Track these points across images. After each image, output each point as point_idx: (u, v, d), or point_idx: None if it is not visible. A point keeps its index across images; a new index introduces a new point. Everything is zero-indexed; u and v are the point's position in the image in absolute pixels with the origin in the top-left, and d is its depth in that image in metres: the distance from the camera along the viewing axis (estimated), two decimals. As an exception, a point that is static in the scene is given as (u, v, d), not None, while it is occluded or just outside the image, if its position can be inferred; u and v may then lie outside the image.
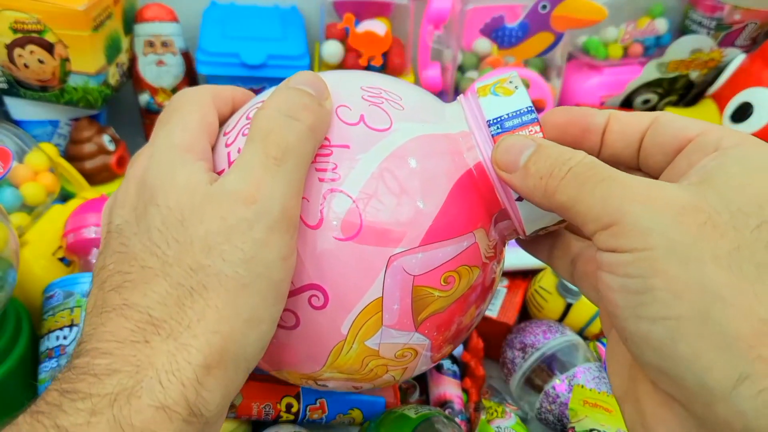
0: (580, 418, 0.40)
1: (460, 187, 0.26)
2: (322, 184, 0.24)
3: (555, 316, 0.48)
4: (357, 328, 0.25)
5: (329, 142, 0.25)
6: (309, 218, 0.24)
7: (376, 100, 0.26)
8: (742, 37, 0.64)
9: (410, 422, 0.35)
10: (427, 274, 0.25)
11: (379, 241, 0.24)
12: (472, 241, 0.26)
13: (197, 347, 0.20)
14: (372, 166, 0.24)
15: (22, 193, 0.47)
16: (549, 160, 0.21)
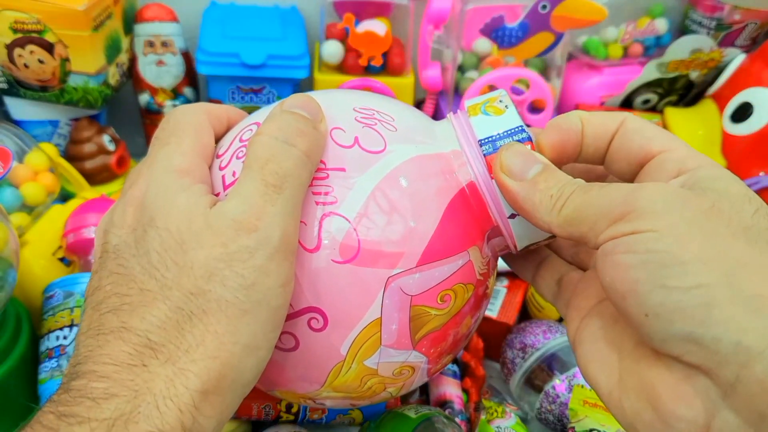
0: (580, 418, 0.40)
1: (454, 206, 0.26)
2: (318, 207, 0.24)
3: (555, 316, 0.48)
4: (356, 348, 0.25)
5: (325, 165, 0.25)
6: (307, 242, 0.24)
7: (369, 122, 0.26)
8: (742, 37, 0.64)
9: (410, 422, 0.35)
10: (424, 293, 0.25)
11: (377, 263, 0.24)
12: (466, 260, 0.26)
13: (195, 372, 0.20)
14: (368, 188, 0.25)
15: (22, 193, 0.47)
16: (558, 181, 0.22)
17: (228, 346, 0.20)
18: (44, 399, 0.39)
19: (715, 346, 0.18)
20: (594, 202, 0.21)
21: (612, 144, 0.24)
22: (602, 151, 0.25)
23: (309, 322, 0.25)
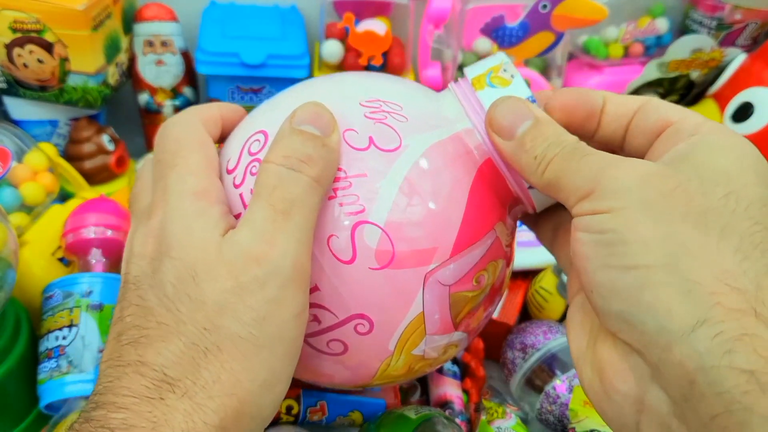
0: (581, 418, 0.40)
1: (476, 188, 0.26)
2: (348, 217, 0.24)
3: (555, 317, 0.48)
4: (403, 342, 0.26)
5: (346, 173, 0.25)
6: (342, 254, 0.25)
7: (379, 116, 0.26)
8: (742, 36, 0.64)
9: (410, 423, 0.35)
10: (461, 280, 0.26)
11: (414, 262, 0.25)
12: (494, 237, 0.27)
13: (213, 409, 0.20)
14: (393, 191, 0.25)
15: (21, 193, 0.47)
16: (545, 140, 0.23)
17: (245, 384, 0.20)
18: (43, 399, 0.39)
19: (641, 328, 0.19)
20: (569, 175, 0.21)
21: (631, 123, 0.24)
22: (622, 131, 0.24)
23: (356, 328, 0.26)
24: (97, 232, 0.45)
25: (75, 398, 0.38)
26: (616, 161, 0.21)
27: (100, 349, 0.40)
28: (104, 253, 0.45)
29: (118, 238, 0.46)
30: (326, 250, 0.25)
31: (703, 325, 0.17)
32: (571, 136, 0.23)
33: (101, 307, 0.41)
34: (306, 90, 0.29)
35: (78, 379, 0.39)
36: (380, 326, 0.26)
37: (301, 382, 0.37)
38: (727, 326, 0.17)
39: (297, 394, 0.36)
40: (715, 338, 0.17)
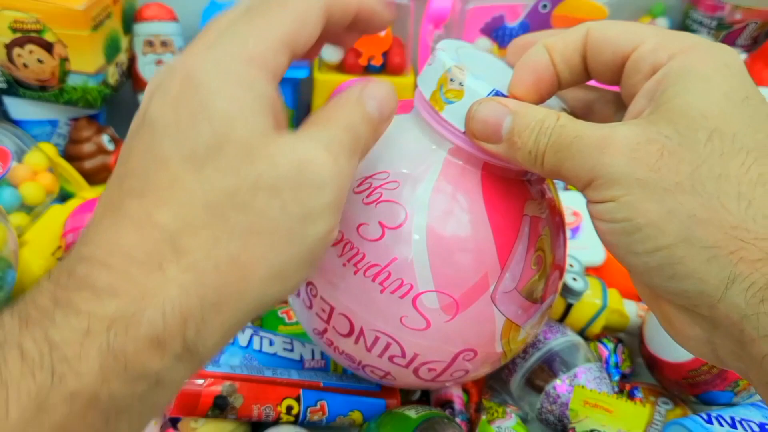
0: (581, 418, 0.40)
1: (489, 195, 0.27)
2: (406, 298, 0.27)
3: (555, 316, 0.48)
4: (506, 342, 0.30)
5: (380, 265, 0.27)
6: (418, 325, 0.28)
7: (375, 197, 0.27)
8: (742, 36, 0.64)
9: (411, 422, 0.35)
10: (522, 277, 0.29)
11: (476, 295, 0.28)
12: (528, 220, 0.28)
13: (215, 287, 0.18)
14: (425, 257, 0.27)
15: (21, 193, 0.47)
16: (531, 131, 0.23)
17: (261, 270, 0.19)
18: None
19: (685, 295, 0.20)
20: (566, 165, 0.22)
21: (587, 60, 0.24)
22: (581, 71, 0.24)
23: (464, 359, 0.30)
24: (97, 232, 0.45)
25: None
26: (601, 144, 0.20)
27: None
28: (104, 253, 0.45)
29: (118, 238, 0.45)
30: (404, 328, 0.28)
31: (734, 283, 0.19)
32: (551, 115, 0.22)
33: None
34: None
35: (78, 380, 0.39)
36: (481, 348, 0.30)
37: (302, 383, 0.37)
38: (755, 278, 0.18)
39: (297, 394, 0.36)
40: (748, 291, 0.18)
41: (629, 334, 0.50)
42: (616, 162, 0.20)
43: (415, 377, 0.32)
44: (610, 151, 0.20)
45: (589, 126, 0.21)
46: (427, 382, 0.32)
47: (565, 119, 0.22)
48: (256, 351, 0.41)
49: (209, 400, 0.34)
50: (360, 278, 0.28)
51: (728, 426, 0.37)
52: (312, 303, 0.31)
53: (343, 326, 0.30)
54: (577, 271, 0.47)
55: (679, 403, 0.45)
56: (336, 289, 0.29)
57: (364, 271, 0.28)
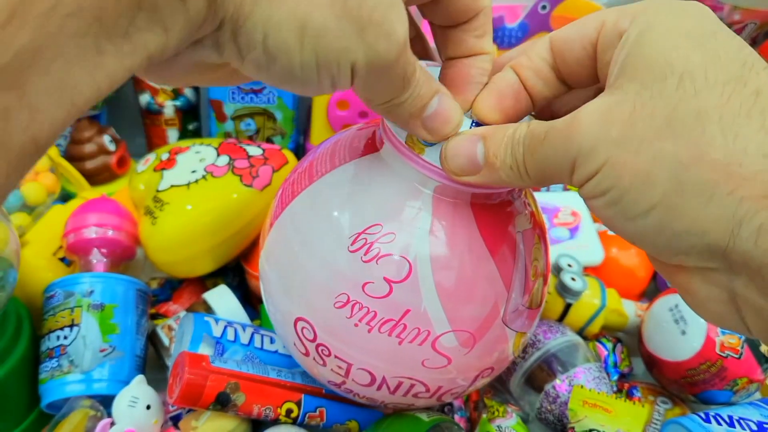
0: (580, 418, 0.40)
1: (483, 225, 0.27)
2: (425, 344, 0.28)
3: (554, 316, 0.48)
4: (516, 350, 0.32)
5: (395, 320, 0.27)
6: (438, 363, 0.29)
7: (374, 253, 0.27)
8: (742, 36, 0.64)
9: (423, 424, 0.35)
10: (526, 291, 0.29)
11: (489, 323, 0.28)
12: (521, 237, 0.29)
13: None
14: (437, 303, 0.27)
15: (22, 193, 0.47)
16: (505, 147, 0.22)
17: None
18: (44, 398, 0.39)
19: (694, 251, 0.19)
20: (548, 164, 0.21)
21: (559, 68, 0.24)
22: (555, 81, 0.24)
23: (482, 376, 0.31)
24: (98, 232, 0.45)
25: (76, 398, 0.38)
26: (571, 124, 0.20)
27: (101, 348, 0.40)
28: (105, 253, 0.45)
29: (119, 238, 0.46)
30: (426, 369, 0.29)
31: (741, 225, 0.17)
32: (520, 126, 0.22)
33: (102, 307, 0.41)
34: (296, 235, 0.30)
35: (79, 379, 0.39)
36: (497, 364, 0.31)
37: (305, 388, 0.37)
38: (763, 217, 0.17)
39: (298, 398, 0.37)
40: (759, 232, 0.17)
41: (628, 333, 0.50)
42: (588, 131, 0.19)
43: (438, 402, 0.33)
44: (580, 126, 0.20)
45: (558, 119, 0.21)
46: (450, 400, 0.34)
47: (535, 123, 0.22)
48: (257, 349, 0.41)
49: (212, 395, 0.35)
50: (376, 335, 0.28)
51: (726, 425, 0.37)
52: (326, 361, 0.30)
53: (364, 378, 0.30)
54: (575, 270, 0.48)
55: (677, 403, 0.45)
56: (351, 348, 0.29)
57: (378, 328, 0.27)
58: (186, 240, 0.44)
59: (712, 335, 0.40)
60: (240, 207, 0.45)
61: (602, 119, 0.19)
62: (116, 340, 0.41)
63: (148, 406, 0.37)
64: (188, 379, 0.34)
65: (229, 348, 0.41)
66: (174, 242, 0.44)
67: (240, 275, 0.51)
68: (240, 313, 0.45)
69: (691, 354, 0.41)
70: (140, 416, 0.37)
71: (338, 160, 0.29)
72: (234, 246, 0.47)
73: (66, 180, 0.54)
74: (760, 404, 0.40)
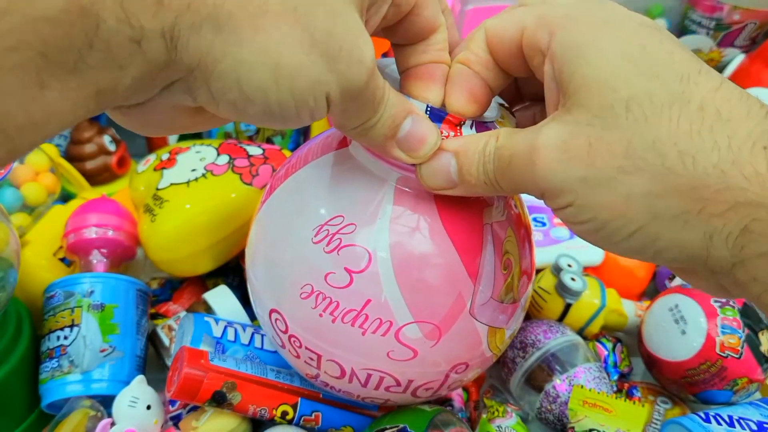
0: (580, 418, 0.40)
1: (448, 218, 0.27)
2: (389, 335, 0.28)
3: (554, 316, 0.48)
4: (495, 345, 0.31)
5: (356, 310, 0.27)
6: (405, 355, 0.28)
7: (335, 244, 0.27)
8: (741, 37, 0.64)
9: (426, 414, 0.36)
10: (495, 284, 0.29)
11: (455, 315, 0.28)
12: (489, 230, 0.28)
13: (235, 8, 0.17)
14: (397, 294, 0.27)
15: (22, 193, 0.47)
16: (477, 165, 0.23)
17: None
18: (45, 399, 0.39)
19: (677, 261, 0.20)
20: (518, 183, 0.22)
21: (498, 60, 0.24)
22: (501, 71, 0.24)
23: (456, 372, 0.31)
24: (98, 232, 0.45)
25: (76, 398, 0.38)
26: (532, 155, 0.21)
27: (101, 348, 0.40)
28: (105, 254, 0.45)
29: (119, 239, 0.46)
30: (393, 361, 0.29)
31: (712, 239, 0.19)
32: (490, 140, 0.23)
33: (102, 307, 0.41)
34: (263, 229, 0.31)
35: (79, 379, 0.39)
36: (471, 359, 0.31)
37: (302, 391, 0.37)
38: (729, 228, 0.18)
39: (295, 401, 0.37)
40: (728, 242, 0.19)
41: (628, 333, 0.50)
42: (551, 171, 0.20)
43: (413, 398, 0.33)
44: (540, 163, 0.20)
45: (520, 139, 0.21)
46: (428, 398, 0.33)
47: (503, 138, 0.22)
48: (257, 349, 0.42)
49: (209, 392, 0.35)
50: (339, 326, 0.28)
51: (726, 425, 0.37)
52: (299, 353, 0.31)
53: (334, 370, 0.30)
54: (575, 270, 0.48)
55: (677, 402, 0.45)
56: (318, 338, 0.29)
57: (342, 318, 0.28)
58: (185, 237, 0.44)
59: (712, 335, 0.40)
60: (240, 205, 0.45)
61: (562, 156, 0.20)
62: (116, 340, 0.41)
63: (149, 406, 0.37)
64: (186, 374, 0.34)
65: (230, 348, 0.41)
66: (173, 240, 0.44)
67: (240, 275, 0.51)
68: (240, 313, 0.45)
69: (691, 354, 0.41)
70: (140, 416, 0.37)
71: (312, 156, 0.30)
72: (234, 244, 0.47)
73: (66, 180, 0.54)
74: (760, 404, 0.40)
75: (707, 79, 0.19)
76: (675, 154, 0.18)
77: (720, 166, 0.18)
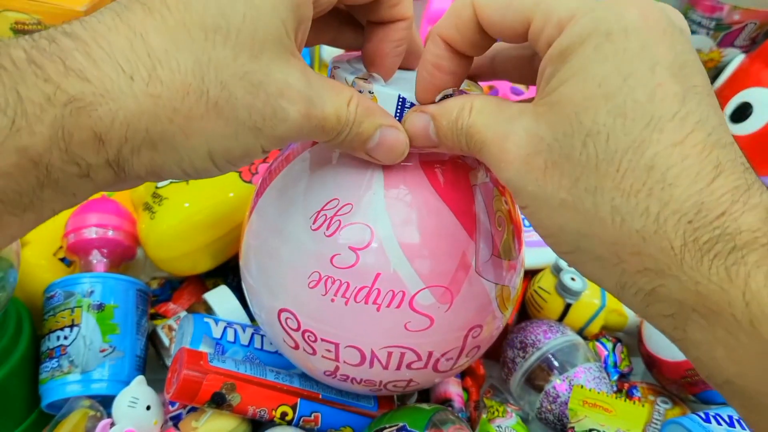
0: (580, 418, 0.40)
1: (437, 184, 0.28)
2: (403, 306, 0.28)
3: (554, 316, 0.48)
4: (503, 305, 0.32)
5: (368, 287, 0.28)
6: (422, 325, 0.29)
7: (335, 227, 0.28)
8: (741, 37, 0.64)
9: (425, 413, 0.36)
10: (494, 241, 0.29)
11: (463, 276, 0.29)
12: (478, 190, 0.29)
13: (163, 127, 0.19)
14: (405, 262, 0.27)
15: (22, 193, 0.47)
16: (452, 133, 0.24)
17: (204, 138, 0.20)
18: (45, 399, 0.39)
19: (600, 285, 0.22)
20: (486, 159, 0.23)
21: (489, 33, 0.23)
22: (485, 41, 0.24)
23: (473, 336, 0.31)
24: (98, 232, 0.45)
25: (75, 398, 0.38)
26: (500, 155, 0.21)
27: (101, 348, 0.40)
28: (105, 254, 0.45)
29: (119, 239, 0.46)
30: (412, 333, 0.29)
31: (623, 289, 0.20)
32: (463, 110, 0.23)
33: (102, 307, 0.41)
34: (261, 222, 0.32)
35: (79, 379, 0.39)
36: (485, 320, 0.31)
37: (301, 392, 0.37)
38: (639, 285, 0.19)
39: (294, 402, 0.37)
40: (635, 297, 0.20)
41: (628, 333, 0.50)
42: (512, 176, 0.21)
43: (436, 373, 0.32)
44: (505, 164, 0.21)
45: (492, 127, 0.22)
46: (448, 372, 0.33)
47: (475, 114, 0.23)
48: (257, 350, 0.42)
49: (208, 393, 0.35)
50: (353, 306, 0.28)
51: (726, 425, 0.37)
52: (315, 349, 0.31)
53: (354, 357, 0.30)
54: (575, 270, 0.48)
55: (677, 402, 0.45)
56: (334, 326, 0.29)
57: (354, 298, 0.28)
58: (184, 235, 0.44)
59: (711, 335, 0.40)
60: (239, 203, 0.45)
61: (523, 167, 0.21)
62: (116, 340, 0.41)
63: (148, 407, 0.37)
64: (185, 375, 0.34)
65: (229, 349, 0.41)
66: (172, 237, 0.44)
67: (240, 276, 0.51)
68: (240, 314, 0.45)
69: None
70: (140, 417, 0.37)
71: (295, 154, 0.31)
72: (233, 242, 0.47)
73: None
74: (760, 404, 0.40)
75: (675, 128, 0.18)
76: (608, 209, 0.19)
77: (642, 233, 0.19)
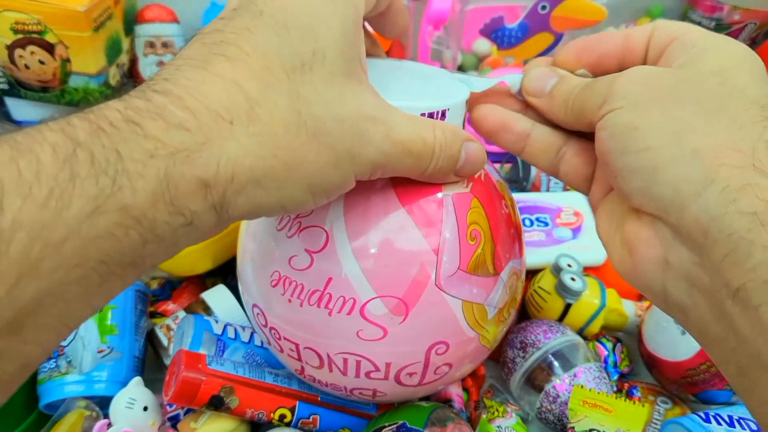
0: (580, 418, 0.40)
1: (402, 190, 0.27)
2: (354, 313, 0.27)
3: (554, 316, 0.48)
4: (477, 325, 0.30)
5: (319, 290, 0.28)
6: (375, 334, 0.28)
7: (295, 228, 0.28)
8: (741, 37, 0.64)
9: (424, 410, 0.36)
10: (462, 256, 0.28)
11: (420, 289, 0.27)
12: (450, 200, 0.28)
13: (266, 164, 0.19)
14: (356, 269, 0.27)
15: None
16: (568, 87, 0.26)
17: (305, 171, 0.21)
18: (43, 399, 0.39)
19: (660, 198, 0.21)
20: (589, 95, 0.24)
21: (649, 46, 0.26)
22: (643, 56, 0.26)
23: (437, 353, 0.29)
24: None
25: (72, 398, 0.38)
26: (623, 73, 0.23)
27: (99, 349, 0.40)
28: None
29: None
30: (365, 342, 0.28)
31: (711, 184, 0.20)
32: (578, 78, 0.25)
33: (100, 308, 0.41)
34: None
35: (77, 380, 0.39)
36: (451, 338, 0.29)
37: (300, 394, 0.37)
38: (732, 181, 0.19)
39: (293, 405, 0.37)
40: (722, 192, 0.19)
41: (628, 333, 0.50)
42: (630, 80, 0.22)
43: (401, 386, 0.31)
44: (627, 74, 0.23)
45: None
46: (417, 387, 0.32)
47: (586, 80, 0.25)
48: (257, 347, 0.41)
49: (206, 396, 0.35)
50: (307, 309, 0.28)
51: (726, 425, 0.37)
52: (281, 346, 0.31)
53: (313, 359, 0.30)
54: (575, 270, 0.48)
55: (677, 402, 0.45)
56: (292, 325, 0.30)
57: (308, 301, 0.28)
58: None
59: (712, 335, 0.40)
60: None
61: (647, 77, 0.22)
62: (114, 341, 0.40)
63: (146, 408, 0.37)
64: (184, 378, 0.34)
65: (231, 345, 0.41)
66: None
67: (239, 275, 0.51)
68: (238, 313, 0.45)
69: (691, 354, 0.41)
70: (137, 418, 0.37)
71: None
72: (233, 243, 0.46)
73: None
74: (761, 404, 0.40)
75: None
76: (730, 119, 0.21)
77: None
